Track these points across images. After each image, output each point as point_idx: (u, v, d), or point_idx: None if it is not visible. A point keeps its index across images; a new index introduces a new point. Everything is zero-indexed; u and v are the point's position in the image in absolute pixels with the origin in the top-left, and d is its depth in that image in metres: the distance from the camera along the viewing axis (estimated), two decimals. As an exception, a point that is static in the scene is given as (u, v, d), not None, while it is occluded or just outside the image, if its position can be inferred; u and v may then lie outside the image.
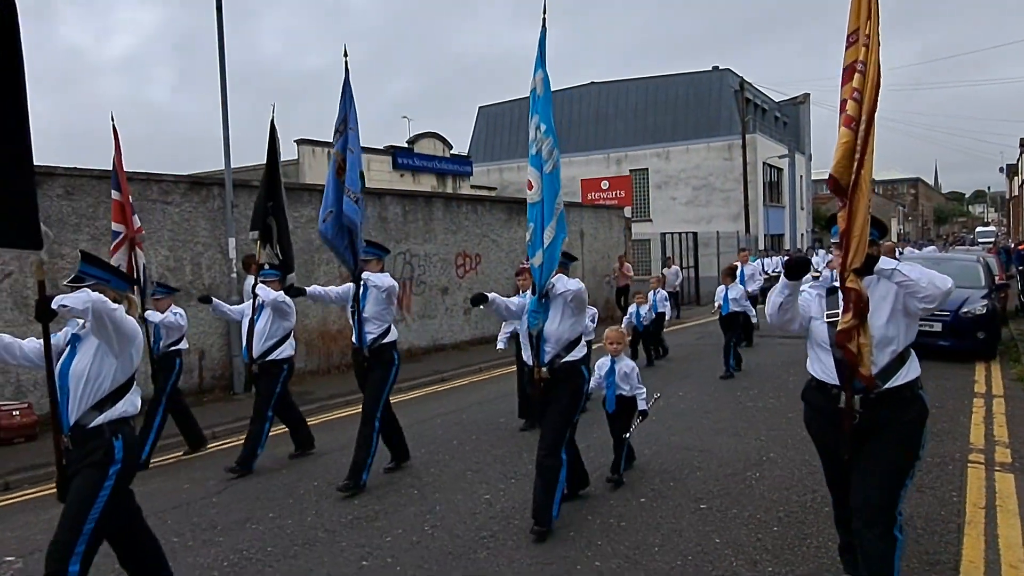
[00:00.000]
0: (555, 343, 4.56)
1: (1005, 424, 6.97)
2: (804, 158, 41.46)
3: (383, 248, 6.21)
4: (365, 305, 5.74)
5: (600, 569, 4.04)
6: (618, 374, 5.49)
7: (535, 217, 4.44)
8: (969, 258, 13.22)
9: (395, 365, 5.86)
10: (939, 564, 4.01)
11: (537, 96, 4.46)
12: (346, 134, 5.68)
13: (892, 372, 3.17)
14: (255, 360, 6.37)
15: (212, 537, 4.76)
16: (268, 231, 6.62)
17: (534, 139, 4.45)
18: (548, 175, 4.41)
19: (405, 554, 4.32)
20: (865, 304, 3.02)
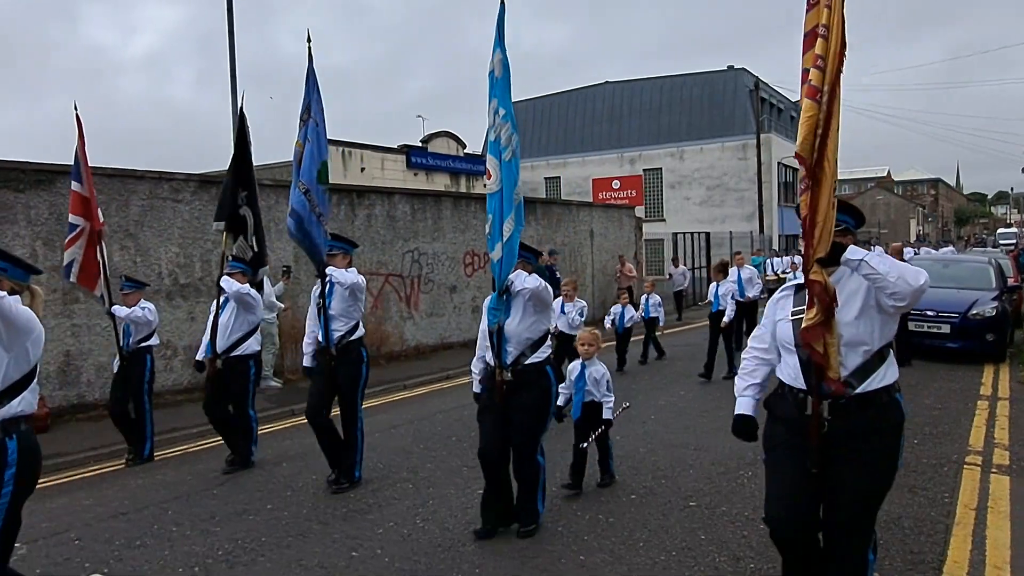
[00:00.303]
0: (517, 343, 4.32)
1: (1007, 427, 6.94)
2: (821, 158, 41.10)
3: (349, 242, 6.03)
4: (331, 302, 5.56)
5: (584, 563, 4.10)
6: (589, 378, 5.22)
7: (494, 208, 4.20)
8: (980, 260, 13.11)
9: (364, 363, 5.69)
10: (923, 564, 4.02)
11: (495, 79, 4.17)
12: (308, 124, 5.49)
13: (865, 375, 2.85)
14: (219, 355, 6.18)
15: (209, 527, 4.88)
16: (242, 223, 6.41)
17: (492, 125, 4.19)
18: (507, 163, 4.16)
19: (394, 546, 4.41)
20: (832, 299, 2.73)
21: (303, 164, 5.39)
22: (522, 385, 4.33)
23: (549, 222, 16.25)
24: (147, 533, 4.81)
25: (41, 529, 4.98)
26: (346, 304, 5.59)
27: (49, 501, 5.63)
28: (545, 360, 4.44)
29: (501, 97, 4.17)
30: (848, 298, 2.88)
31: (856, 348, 2.86)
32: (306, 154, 5.41)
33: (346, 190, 12.21)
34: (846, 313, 2.85)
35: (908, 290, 2.69)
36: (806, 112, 2.69)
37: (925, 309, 10.64)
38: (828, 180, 2.70)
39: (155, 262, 9.15)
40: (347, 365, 5.59)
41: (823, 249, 2.73)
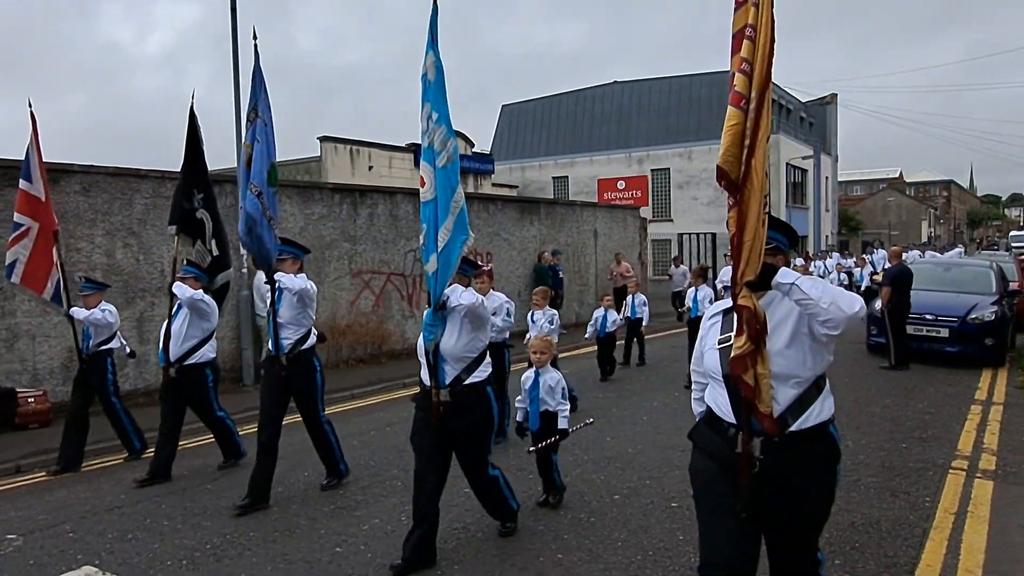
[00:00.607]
0: (454, 362, 4.08)
1: (998, 432, 6.96)
2: (830, 159, 40.98)
3: (300, 247, 5.86)
4: (280, 309, 5.37)
5: (562, 562, 4.18)
6: (543, 387, 4.97)
7: (428, 217, 4.00)
8: (981, 264, 13.07)
9: (317, 371, 5.55)
10: (896, 566, 4.08)
11: (428, 82, 4.00)
12: (255, 123, 5.34)
13: (800, 410, 2.60)
14: (172, 364, 5.96)
15: (200, 521, 4.99)
16: (199, 226, 6.22)
17: (425, 130, 4.00)
18: (442, 169, 3.97)
19: (378, 542, 4.51)
20: (761, 325, 2.47)
21: (253, 166, 5.25)
22: (461, 408, 4.09)
23: (553, 222, 16.32)
24: (139, 527, 4.93)
25: (38, 521, 5.11)
26: (295, 311, 5.40)
27: (48, 494, 5.77)
28: (486, 380, 4.20)
29: (435, 101, 4.00)
30: (778, 325, 2.63)
31: (787, 380, 2.60)
32: (256, 155, 5.25)
33: (348, 189, 12.34)
34: (775, 341, 2.60)
35: (842, 317, 2.43)
36: (730, 121, 2.49)
37: (924, 313, 10.65)
38: (756, 195, 2.46)
39: (157, 260, 9.29)
40: (300, 376, 5.42)
41: (752, 271, 2.49)
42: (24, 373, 8.16)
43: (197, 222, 6.22)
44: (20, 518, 5.22)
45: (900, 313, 10.32)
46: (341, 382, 9.92)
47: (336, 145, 23.12)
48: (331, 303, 11.42)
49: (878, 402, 8.21)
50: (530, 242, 15.51)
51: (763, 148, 2.48)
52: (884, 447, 6.40)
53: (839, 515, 4.80)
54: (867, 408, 7.91)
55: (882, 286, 10.91)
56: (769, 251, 2.63)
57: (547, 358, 5.06)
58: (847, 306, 2.44)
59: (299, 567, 4.21)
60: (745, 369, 2.50)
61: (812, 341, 2.59)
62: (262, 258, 5.38)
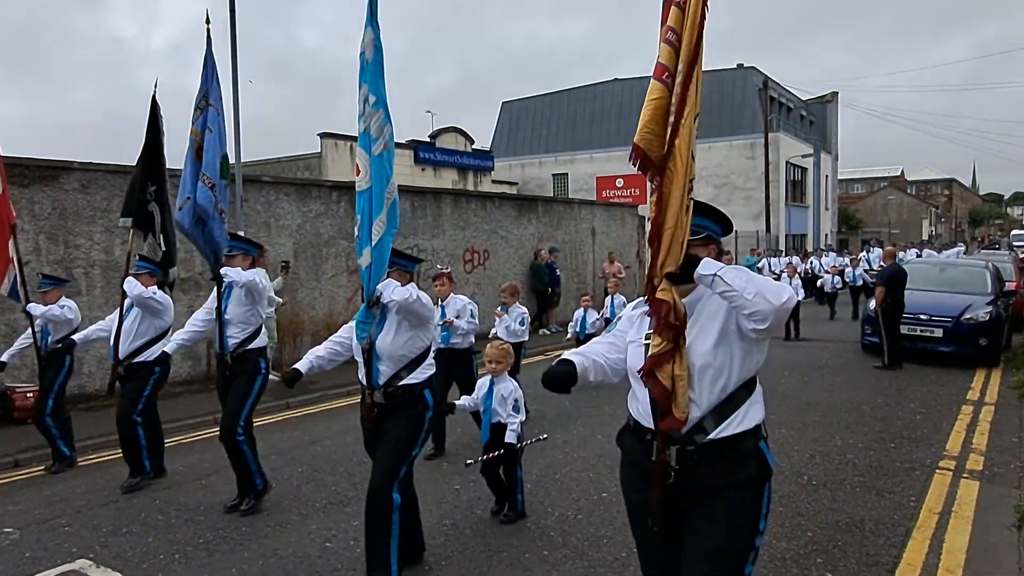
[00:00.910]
0: (390, 361, 3.84)
1: (987, 432, 7.01)
2: (830, 157, 40.97)
3: (251, 243, 5.63)
4: (227, 305, 5.18)
5: (547, 558, 4.25)
6: (496, 397, 4.72)
7: (363, 208, 3.75)
8: (977, 264, 13.11)
9: (261, 375, 5.22)
10: (877, 565, 4.14)
11: (366, 61, 3.71)
12: (206, 111, 5.11)
13: (721, 417, 2.35)
14: (121, 362, 5.74)
15: (194, 517, 5.06)
16: (149, 219, 5.89)
17: (362, 114, 3.72)
18: (377, 157, 3.71)
19: (368, 538, 4.57)
20: (681, 322, 2.28)
21: (205, 156, 5.02)
22: (394, 410, 3.86)
23: (551, 220, 16.37)
24: (134, 521, 5.00)
25: (35, 515, 5.18)
26: (243, 308, 5.18)
27: (46, 488, 5.85)
28: (424, 381, 3.96)
29: (372, 82, 3.71)
30: (706, 322, 2.41)
31: (711, 383, 2.36)
32: (207, 145, 5.05)
33: (346, 187, 12.38)
34: (701, 340, 2.37)
35: (768, 309, 2.19)
36: (651, 95, 2.26)
37: (918, 313, 10.70)
38: (679, 179, 2.24)
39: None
40: (241, 375, 5.15)
41: (673, 261, 2.27)
42: (23, 368, 8.23)
43: (148, 215, 5.90)
44: (17, 512, 5.29)
45: (894, 313, 10.37)
46: (337, 379, 9.95)
47: (336, 141, 23.17)
48: (328, 300, 11.49)
49: (869, 401, 8.26)
50: (528, 240, 15.57)
51: (689, 127, 2.24)
52: (873, 447, 6.46)
53: (823, 514, 4.88)
54: (858, 407, 7.97)
55: (876, 286, 10.96)
56: (700, 240, 2.47)
57: (503, 367, 4.79)
58: (774, 297, 2.19)
59: (289, 562, 4.28)
60: (661, 369, 2.29)
61: (741, 340, 2.36)
62: (210, 252, 5.21)
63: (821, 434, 6.89)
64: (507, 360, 4.86)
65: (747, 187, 31.30)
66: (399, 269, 4.12)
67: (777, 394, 8.71)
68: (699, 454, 2.35)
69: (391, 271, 3.94)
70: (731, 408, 2.38)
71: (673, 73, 2.26)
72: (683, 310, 2.30)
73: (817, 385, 9.31)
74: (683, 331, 2.30)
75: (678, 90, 2.24)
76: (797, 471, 5.79)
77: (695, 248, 2.40)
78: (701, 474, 2.35)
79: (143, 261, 5.99)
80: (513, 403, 4.73)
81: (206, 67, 5.21)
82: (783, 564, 4.14)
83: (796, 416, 7.60)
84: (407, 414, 3.87)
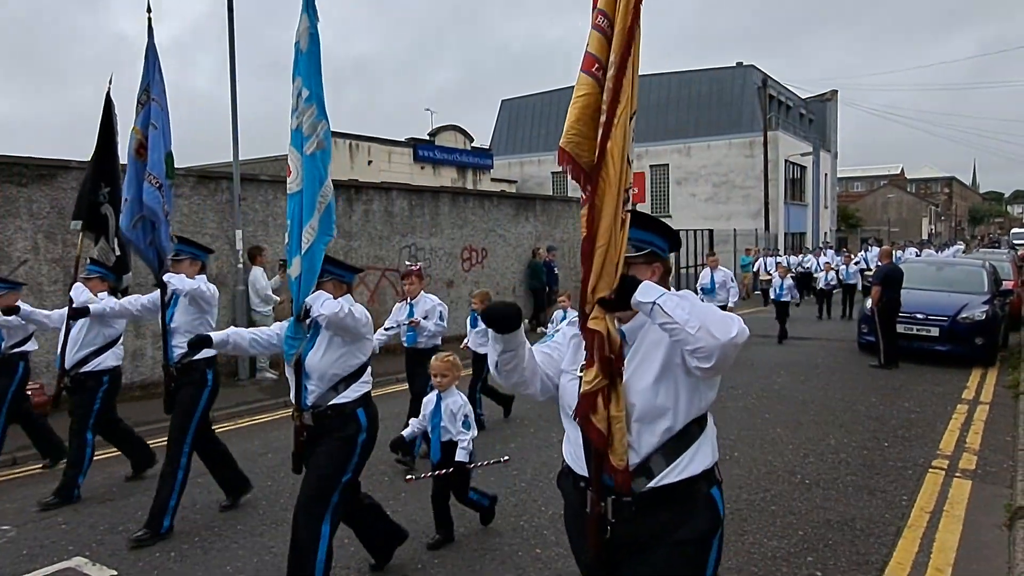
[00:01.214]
0: (320, 380, 3.56)
1: (981, 431, 7.04)
2: (830, 156, 40.99)
3: (200, 247, 5.30)
4: (172, 314, 4.91)
5: (540, 556, 4.28)
6: (445, 413, 4.43)
7: (293, 213, 3.47)
8: (974, 263, 13.13)
9: (208, 387, 4.93)
10: (866, 564, 4.17)
11: (300, 51, 3.44)
12: (148, 106, 4.83)
13: (665, 461, 2.05)
14: (67, 371, 5.43)
15: (190, 514, 5.09)
16: (103, 222, 5.53)
17: (295, 109, 3.46)
18: (310, 157, 3.43)
19: (362, 536, 4.60)
20: (616, 355, 1.98)
21: (150, 155, 4.75)
22: (324, 432, 3.57)
23: (548, 218, 16.40)
24: (130, 519, 5.02)
25: (32, 513, 5.21)
26: (190, 317, 4.91)
27: (43, 486, 5.86)
28: (358, 400, 3.66)
29: (306, 75, 3.43)
30: (647, 353, 2.09)
31: (652, 424, 2.05)
32: (151, 143, 4.78)
33: (344, 185, 12.41)
34: (641, 376, 2.07)
35: (713, 345, 1.87)
36: (579, 91, 1.97)
37: (915, 312, 10.72)
38: (612, 188, 1.93)
39: (154, 255, 9.37)
40: (186, 387, 4.87)
41: (606, 285, 1.95)
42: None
43: (101, 217, 5.53)
44: (15, 509, 5.32)
45: (890, 312, 10.40)
46: (335, 377, 10.03)
47: (336, 140, 23.19)
48: (326, 298, 11.50)
49: (864, 400, 8.29)
50: (525, 239, 15.59)
51: (623, 128, 1.92)
52: (866, 446, 6.49)
53: (815, 513, 4.91)
54: (853, 406, 8.00)
55: (872, 285, 10.99)
56: (642, 258, 2.17)
57: (449, 381, 4.50)
58: (720, 331, 1.87)
59: (283, 559, 4.23)
60: (595, 410, 1.98)
61: (688, 375, 2.03)
62: (153, 257, 4.93)
63: (815, 433, 6.92)
64: (454, 373, 4.54)
65: (746, 185, 31.31)
66: (334, 280, 3.74)
67: (772, 393, 8.76)
68: (638, 505, 2.04)
69: (325, 282, 3.65)
70: (677, 451, 2.07)
71: (604, 65, 1.95)
72: (619, 341, 1.99)
73: (812, 384, 9.34)
74: (619, 365, 2.00)
75: (610, 84, 1.93)
76: (790, 470, 5.82)
77: (636, 267, 2.13)
78: (641, 527, 2.06)
79: (94, 265, 5.69)
80: (463, 419, 4.44)
81: (147, 59, 4.90)
82: (773, 563, 4.17)
83: (791, 415, 7.63)
84: (337, 436, 3.57)
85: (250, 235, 10.32)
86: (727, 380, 9.83)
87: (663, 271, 2.22)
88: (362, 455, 3.69)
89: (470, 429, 4.45)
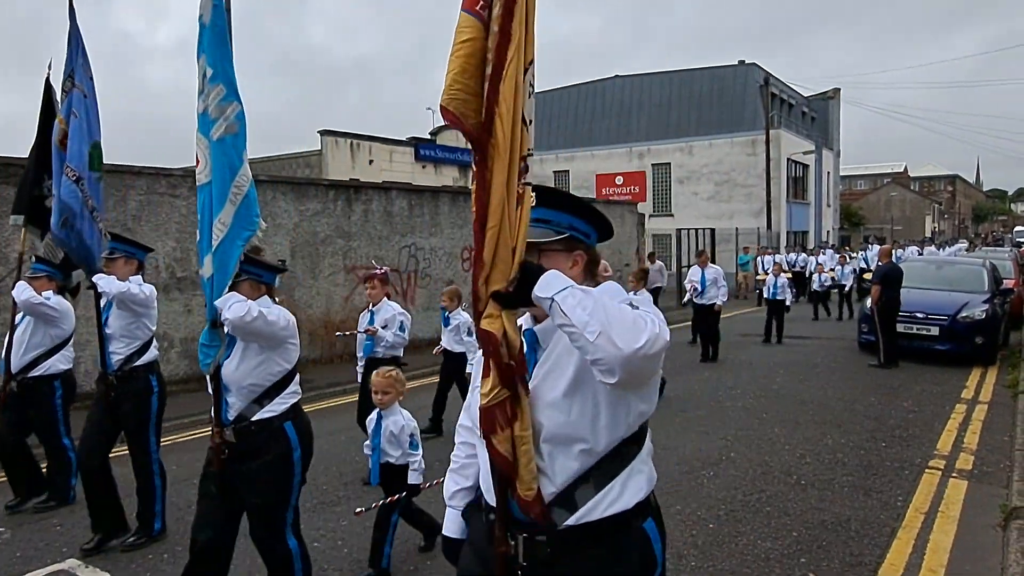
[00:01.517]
0: (239, 392, 3.23)
1: (979, 431, 7.02)
2: (832, 154, 40.90)
3: (137, 245, 4.88)
4: (107, 318, 4.55)
5: (532, 558, 4.26)
6: (384, 434, 4.04)
7: (203, 206, 3.12)
8: (974, 262, 13.10)
9: (154, 394, 4.64)
10: (860, 565, 4.16)
11: (204, 25, 3.09)
12: (71, 94, 4.49)
13: (590, 492, 1.70)
14: (13, 376, 5.14)
15: (185, 515, 5.07)
16: (46, 216, 4.90)
17: (201, 91, 3.08)
18: (218, 143, 3.06)
19: (355, 538, 4.61)
20: (517, 361, 1.63)
21: (70, 146, 4.41)
22: (249, 450, 3.21)
23: (549, 218, 16.38)
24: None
25: (26, 515, 5.21)
26: (125, 321, 4.52)
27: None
28: (286, 413, 3.33)
29: (212, 52, 3.08)
30: (559, 360, 1.72)
31: (567, 446, 1.69)
32: (72, 132, 4.43)
33: (343, 185, 12.45)
34: (551, 386, 1.70)
35: (615, 357, 1.49)
36: (461, 35, 1.61)
37: (915, 311, 10.70)
38: (503, 155, 1.59)
39: (152, 256, 9.38)
40: (131, 398, 4.55)
41: (502, 275, 1.60)
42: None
43: (46, 211, 5.01)
44: (9, 511, 5.33)
45: (890, 311, 10.38)
46: (334, 377, 10.03)
47: (337, 139, 23.22)
48: (325, 299, 11.53)
49: (863, 400, 8.28)
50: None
51: (513, 82, 1.57)
52: (864, 446, 6.48)
53: (810, 513, 4.90)
54: (851, 406, 7.98)
55: (871, 284, 10.98)
56: (560, 243, 1.80)
57: (391, 399, 4.07)
58: (624, 339, 1.49)
59: (277, 562, 4.30)
60: (495, 428, 1.64)
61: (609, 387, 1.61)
62: (80, 257, 4.57)
63: (813, 433, 6.90)
64: (396, 389, 4.11)
65: (748, 184, 31.26)
66: (251, 280, 3.35)
67: (771, 392, 8.75)
68: (555, 545, 1.70)
69: (241, 282, 3.25)
70: (603, 479, 1.70)
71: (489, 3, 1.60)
72: (519, 344, 1.65)
73: (811, 383, 9.32)
74: (521, 373, 1.65)
75: (495, 27, 1.58)
76: (786, 470, 5.81)
77: (553, 256, 1.78)
78: (559, 573, 1.71)
79: (40, 263, 5.22)
80: (409, 439, 4.04)
81: (70, 44, 4.54)
82: (766, 564, 4.16)
83: (789, 414, 7.62)
84: (269, 458, 3.23)
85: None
86: (726, 380, 9.87)
87: (587, 261, 1.86)
88: (303, 471, 3.45)
89: (417, 449, 4.06)
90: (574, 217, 1.84)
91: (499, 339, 1.61)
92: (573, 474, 1.70)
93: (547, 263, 1.74)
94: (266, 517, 3.34)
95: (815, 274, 17.50)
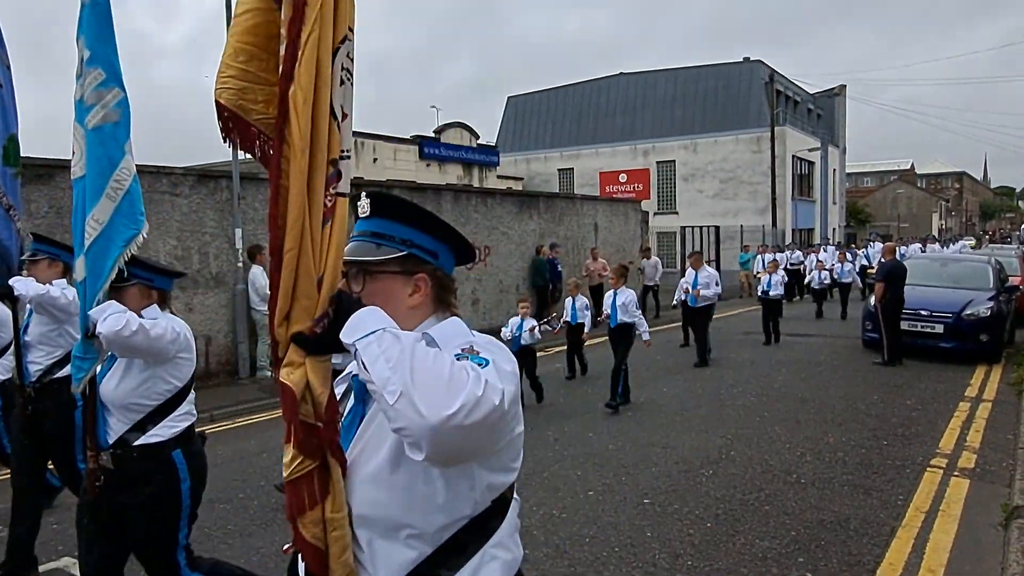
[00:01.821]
0: (120, 413, 2.85)
1: (982, 429, 6.96)
2: (838, 151, 40.73)
3: (61, 246, 4.38)
4: (27, 324, 4.22)
5: (528, 557, 4.20)
6: None
7: (77, 202, 2.84)
8: (979, 259, 13.02)
9: (78, 407, 3.96)
10: (858, 565, 4.12)
11: (84, 5, 2.80)
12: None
13: None
14: None
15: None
16: None
17: (79, 75, 2.81)
18: (95, 132, 2.77)
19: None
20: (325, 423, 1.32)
21: None
22: (130, 480, 2.82)
23: (552, 216, 16.36)
24: (122, 519, 5.03)
25: (24, 513, 5.22)
26: (47, 328, 4.21)
27: (37, 486, 5.88)
28: (174, 439, 2.93)
29: (91, 33, 2.79)
30: (381, 423, 1.34)
31: (392, 532, 1.35)
32: None
33: (346, 184, 12.40)
34: (370, 456, 1.37)
35: (419, 426, 1.14)
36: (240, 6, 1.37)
37: (919, 308, 10.63)
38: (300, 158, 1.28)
39: (153, 254, 9.39)
40: (54, 412, 4.13)
41: (306, 313, 1.31)
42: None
43: None
44: (5, 510, 5.31)
45: (894, 308, 10.31)
46: (335, 375, 10.03)
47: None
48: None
49: (865, 398, 8.22)
50: (529, 236, 15.55)
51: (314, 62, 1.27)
52: (865, 444, 6.43)
53: (809, 513, 4.86)
54: (853, 404, 7.93)
55: (875, 281, 10.91)
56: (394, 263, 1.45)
57: None
58: (429, 404, 1.13)
59: (271, 560, 4.30)
60: (301, 508, 1.32)
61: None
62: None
63: (814, 431, 6.86)
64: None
65: (753, 181, 31.16)
66: (140, 285, 2.95)
67: (772, 391, 8.70)
68: None
69: (128, 287, 2.89)
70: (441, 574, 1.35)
71: None
72: (325, 401, 1.32)
73: (813, 382, 9.27)
74: (331, 438, 1.33)
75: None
76: (787, 469, 5.77)
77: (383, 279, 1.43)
78: None
79: None
80: None
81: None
82: (764, 563, 4.13)
83: (790, 413, 7.57)
84: (151, 490, 2.85)
85: (250, 234, 10.33)
86: (727, 378, 9.83)
87: (434, 287, 1.48)
88: (193, 503, 3.06)
89: None
90: (417, 231, 1.48)
91: (297, 395, 1.28)
92: (401, 567, 1.34)
93: (377, 289, 1.42)
94: (153, 557, 2.97)
95: (815, 271, 17.37)
